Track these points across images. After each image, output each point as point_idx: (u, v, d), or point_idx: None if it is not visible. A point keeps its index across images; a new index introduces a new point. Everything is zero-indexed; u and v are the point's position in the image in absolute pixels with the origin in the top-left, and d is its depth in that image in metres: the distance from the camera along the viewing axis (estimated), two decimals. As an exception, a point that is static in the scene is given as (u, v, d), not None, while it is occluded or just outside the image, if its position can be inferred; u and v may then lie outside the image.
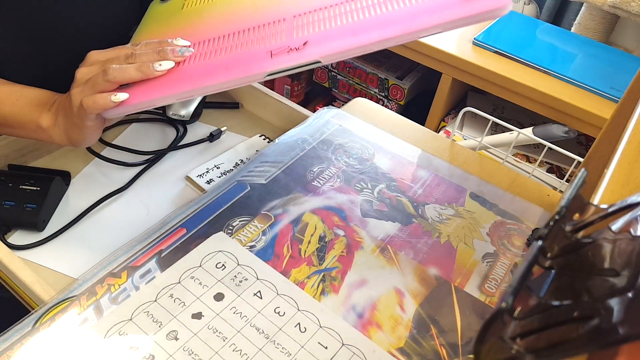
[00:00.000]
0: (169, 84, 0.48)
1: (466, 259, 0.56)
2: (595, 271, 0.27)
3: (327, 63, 0.45)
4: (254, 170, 0.63)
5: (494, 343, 0.25)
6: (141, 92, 0.48)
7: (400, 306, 0.51)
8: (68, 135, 0.53)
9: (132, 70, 0.48)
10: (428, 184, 0.65)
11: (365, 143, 0.69)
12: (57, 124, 0.53)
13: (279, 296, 0.50)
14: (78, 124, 0.51)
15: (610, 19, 1.22)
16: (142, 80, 0.49)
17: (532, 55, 1.12)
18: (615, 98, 1.03)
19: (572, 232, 0.31)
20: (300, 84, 1.50)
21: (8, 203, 0.57)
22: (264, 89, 0.77)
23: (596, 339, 0.22)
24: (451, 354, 0.47)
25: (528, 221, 0.62)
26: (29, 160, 0.66)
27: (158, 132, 0.73)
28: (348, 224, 0.58)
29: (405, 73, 1.36)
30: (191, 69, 0.49)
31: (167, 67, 0.49)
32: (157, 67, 0.48)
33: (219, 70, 0.48)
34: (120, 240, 0.56)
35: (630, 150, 0.40)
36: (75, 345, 0.45)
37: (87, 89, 0.49)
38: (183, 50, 0.50)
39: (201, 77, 0.48)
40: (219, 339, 0.46)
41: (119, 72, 0.48)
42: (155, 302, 0.48)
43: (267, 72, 0.45)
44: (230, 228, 0.56)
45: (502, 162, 0.81)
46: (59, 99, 0.54)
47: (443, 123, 1.27)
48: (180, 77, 0.49)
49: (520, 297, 0.26)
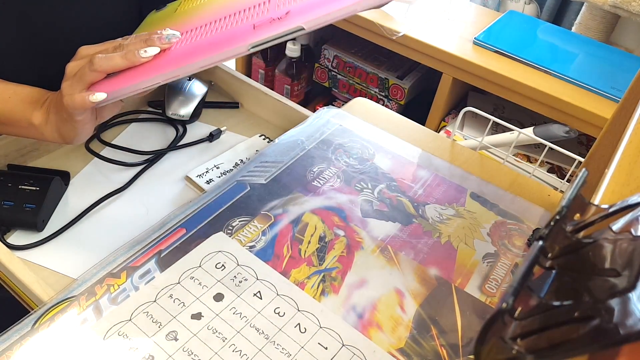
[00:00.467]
0: (154, 68, 0.48)
1: (467, 259, 0.56)
2: (596, 271, 0.27)
3: (310, 29, 0.44)
4: (253, 170, 0.63)
5: (495, 343, 0.25)
6: (127, 77, 0.49)
7: (401, 306, 0.51)
8: (60, 132, 0.53)
9: (117, 58, 0.48)
10: (428, 184, 0.65)
11: (365, 143, 0.69)
12: (48, 121, 0.53)
13: (278, 296, 0.50)
14: (68, 119, 0.51)
15: (610, 18, 1.22)
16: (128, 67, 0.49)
17: (532, 55, 1.12)
18: (616, 98, 1.03)
19: (573, 232, 0.31)
20: (300, 83, 1.50)
21: (7, 203, 0.57)
22: (264, 89, 0.77)
23: (597, 340, 0.22)
24: (452, 355, 0.47)
25: (529, 221, 0.62)
26: (28, 160, 0.66)
27: (158, 132, 0.73)
28: (348, 224, 0.58)
29: (405, 73, 1.36)
30: (176, 51, 0.49)
31: (153, 53, 0.48)
32: (142, 54, 0.48)
33: (203, 48, 0.48)
34: (119, 241, 0.56)
35: (631, 150, 0.40)
36: (75, 346, 0.45)
37: (75, 82, 0.49)
38: (170, 37, 0.49)
39: (185, 56, 0.48)
40: (219, 339, 0.46)
41: (105, 60, 0.48)
42: (155, 303, 0.48)
43: (251, 44, 0.45)
44: (230, 228, 0.56)
45: (503, 162, 0.81)
46: (51, 96, 0.54)
47: (443, 123, 1.27)
48: (166, 59, 0.49)
49: (521, 297, 0.25)
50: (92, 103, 0.48)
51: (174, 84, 0.75)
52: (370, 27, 1.21)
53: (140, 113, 0.75)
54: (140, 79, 0.48)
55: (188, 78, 0.76)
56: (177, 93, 0.74)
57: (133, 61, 0.48)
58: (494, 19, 1.27)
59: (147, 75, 0.48)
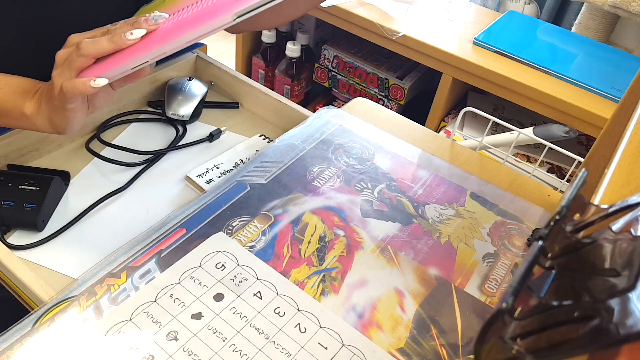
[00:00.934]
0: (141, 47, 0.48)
1: (466, 259, 0.56)
2: (595, 271, 0.27)
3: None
4: (253, 170, 0.63)
5: (495, 343, 0.25)
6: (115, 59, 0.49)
7: (401, 306, 0.51)
8: (52, 122, 0.53)
9: (104, 42, 0.48)
10: (428, 184, 0.65)
11: (365, 143, 0.69)
12: (40, 111, 0.53)
13: (278, 296, 0.50)
14: (59, 107, 0.51)
15: (610, 18, 1.22)
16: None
17: (532, 55, 1.12)
18: (615, 98, 1.03)
19: (573, 232, 0.31)
20: (300, 83, 1.50)
21: (7, 203, 0.57)
22: (264, 89, 0.77)
23: (597, 340, 0.22)
24: (451, 355, 0.47)
25: (528, 221, 0.62)
26: (28, 160, 0.66)
27: (157, 132, 0.73)
28: (348, 224, 0.58)
29: (405, 73, 1.36)
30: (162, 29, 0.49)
31: (139, 35, 0.48)
32: (128, 36, 0.48)
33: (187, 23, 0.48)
34: (119, 241, 0.56)
35: (630, 150, 0.40)
36: (75, 346, 0.45)
37: (64, 69, 0.49)
38: (156, 17, 0.49)
39: (171, 32, 0.48)
40: (219, 339, 0.46)
41: (92, 44, 0.48)
42: (155, 303, 0.48)
43: (235, 13, 0.45)
44: (230, 228, 0.56)
45: (503, 162, 0.81)
46: (43, 86, 0.54)
47: (443, 123, 1.27)
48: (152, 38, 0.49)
49: (521, 297, 0.25)
50: (93, 89, 0.48)
51: (174, 84, 0.75)
52: (370, 27, 1.21)
53: (140, 113, 0.75)
54: (128, 59, 0.48)
55: (188, 78, 0.76)
56: (177, 93, 0.74)
57: (120, 44, 0.48)
58: (494, 19, 1.27)
59: (135, 54, 0.48)
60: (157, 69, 0.77)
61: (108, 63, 0.49)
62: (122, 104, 0.74)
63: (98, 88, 0.48)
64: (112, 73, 0.49)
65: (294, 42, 1.41)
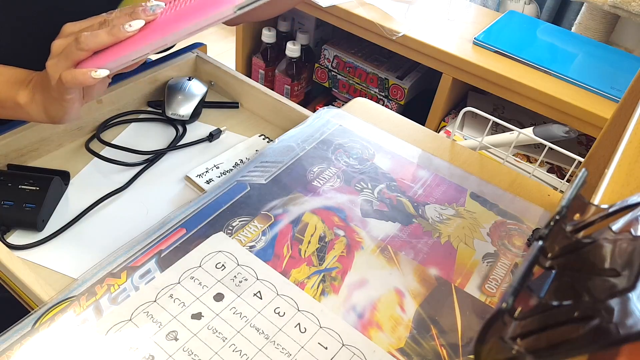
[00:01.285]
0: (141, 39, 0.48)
1: (466, 259, 0.56)
2: (595, 271, 0.27)
3: None
4: (253, 170, 0.63)
5: (495, 343, 0.25)
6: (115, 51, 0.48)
7: (401, 306, 0.51)
8: (47, 111, 0.53)
9: (103, 35, 0.48)
10: (428, 184, 0.65)
11: (365, 143, 0.69)
12: (34, 100, 0.53)
13: (279, 296, 0.50)
14: (57, 97, 0.51)
15: (610, 18, 1.22)
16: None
17: (532, 55, 1.12)
18: (615, 98, 1.03)
19: (573, 232, 0.31)
20: (300, 84, 1.50)
21: (7, 203, 0.57)
22: (264, 89, 0.77)
23: (597, 340, 0.22)
24: (451, 355, 0.47)
25: (528, 221, 0.62)
26: (28, 160, 0.66)
27: (157, 132, 0.73)
28: (348, 224, 0.58)
29: (405, 73, 1.36)
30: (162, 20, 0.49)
31: (138, 27, 0.48)
32: (127, 28, 0.48)
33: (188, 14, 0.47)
34: (119, 241, 0.56)
35: (630, 150, 0.40)
36: (75, 346, 0.45)
37: (61, 60, 0.49)
38: (154, 7, 0.49)
39: (171, 24, 0.48)
40: (219, 339, 0.46)
41: (91, 38, 0.48)
42: (155, 303, 0.48)
43: (236, 5, 0.45)
44: (230, 228, 0.56)
45: (503, 162, 0.81)
46: (36, 76, 0.54)
47: (443, 123, 1.27)
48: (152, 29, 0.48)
49: (521, 297, 0.25)
50: (94, 80, 0.48)
51: (174, 84, 0.75)
52: (370, 27, 1.21)
53: (140, 113, 0.75)
54: (128, 51, 0.48)
55: (188, 78, 0.76)
56: (177, 93, 0.74)
57: (119, 36, 0.48)
58: (494, 19, 1.27)
59: (135, 46, 0.48)
60: (157, 69, 0.77)
61: (108, 54, 0.49)
62: (122, 103, 0.74)
63: (99, 79, 0.48)
64: (111, 64, 0.48)
65: (294, 42, 1.41)
